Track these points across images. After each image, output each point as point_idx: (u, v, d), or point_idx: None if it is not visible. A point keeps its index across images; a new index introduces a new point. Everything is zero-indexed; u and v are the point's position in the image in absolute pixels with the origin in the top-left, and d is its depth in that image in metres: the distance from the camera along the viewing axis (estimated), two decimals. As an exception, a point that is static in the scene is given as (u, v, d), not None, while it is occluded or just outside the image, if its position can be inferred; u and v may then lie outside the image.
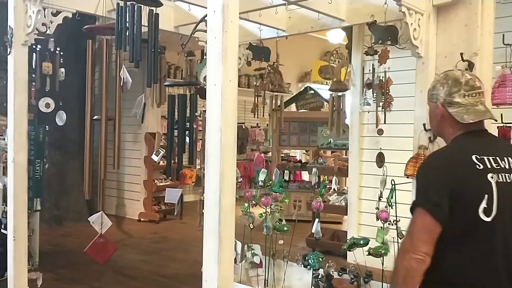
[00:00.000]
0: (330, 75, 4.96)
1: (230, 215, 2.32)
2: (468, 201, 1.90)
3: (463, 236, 1.92)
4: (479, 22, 3.33)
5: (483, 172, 1.92)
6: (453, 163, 1.97)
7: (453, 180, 1.91)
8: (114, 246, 4.23)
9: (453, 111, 2.04)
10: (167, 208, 9.11)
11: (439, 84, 2.10)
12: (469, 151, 1.97)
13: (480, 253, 1.93)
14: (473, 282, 1.93)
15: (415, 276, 1.89)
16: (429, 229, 1.89)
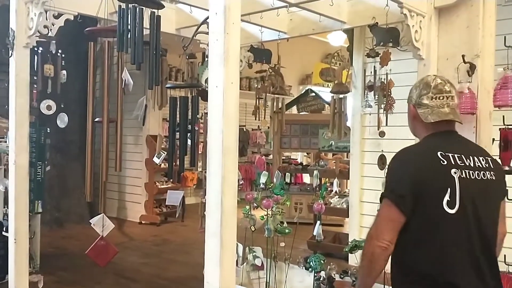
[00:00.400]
0: (331, 77, 4.96)
1: (232, 218, 2.32)
2: (432, 194, 2.03)
3: (431, 228, 2.04)
4: (480, 24, 3.33)
5: (446, 167, 2.05)
6: (418, 158, 2.11)
7: (418, 174, 2.04)
8: (115, 248, 4.23)
9: (420, 111, 2.20)
10: (168, 210, 9.10)
11: (414, 87, 2.28)
12: (434, 148, 2.10)
13: (446, 244, 2.03)
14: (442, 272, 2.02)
15: (378, 261, 2.03)
16: (393, 218, 2.03)
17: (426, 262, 2.05)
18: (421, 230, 2.04)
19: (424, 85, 2.22)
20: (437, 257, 2.04)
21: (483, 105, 3.32)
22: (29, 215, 4.00)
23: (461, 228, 2.04)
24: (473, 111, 3.26)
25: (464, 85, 3.27)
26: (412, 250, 2.06)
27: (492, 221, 2.15)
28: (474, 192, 2.07)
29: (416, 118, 2.24)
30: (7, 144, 4.32)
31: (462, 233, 2.05)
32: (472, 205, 2.06)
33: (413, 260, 2.06)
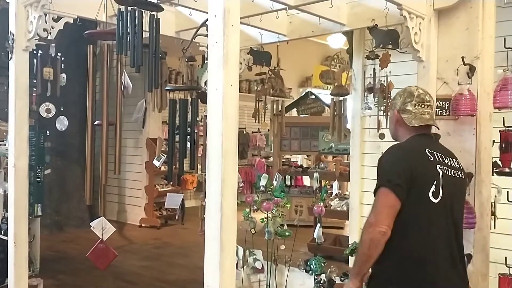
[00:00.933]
0: (331, 80, 4.96)
1: (232, 220, 2.31)
2: (421, 184, 2.30)
3: (417, 214, 2.30)
4: (480, 26, 3.33)
5: (433, 162, 2.37)
6: (410, 153, 2.41)
7: (410, 166, 2.31)
8: (114, 252, 4.21)
9: (405, 116, 2.51)
10: (168, 213, 9.09)
11: (398, 95, 2.58)
12: (422, 146, 2.43)
13: (429, 230, 2.32)
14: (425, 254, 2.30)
15: (378, 246, 2.24)
16: (391, 205, 2.25)
17: (411, 245, 2.30)
18: (409, 216, 2.27)
19: (408, 94, 2.54)
20: (421, 241, 2.30)
21: (483, 107, 3.32)
22: (28, 218, 3.99)
23: (441, 216, 2.34)
24: (473, 113, 3.26)
25: (464, 87, 3.27)
26: (400, 234, 2.26)
27: (461, 214, 2.52)
28: (452, 187, 2.39)
29: (399, 122, 2.54)
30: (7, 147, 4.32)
31: (442, 221, 2.35)
32: (450, 197, 2.37)
33: (397, 243, 2.26)
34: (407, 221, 2.27)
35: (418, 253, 2.30)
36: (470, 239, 3.27)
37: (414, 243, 2.30)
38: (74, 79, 5.48)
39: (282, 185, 4.54)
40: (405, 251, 2.30)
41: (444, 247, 2.35)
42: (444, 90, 3.42)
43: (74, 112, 6.94)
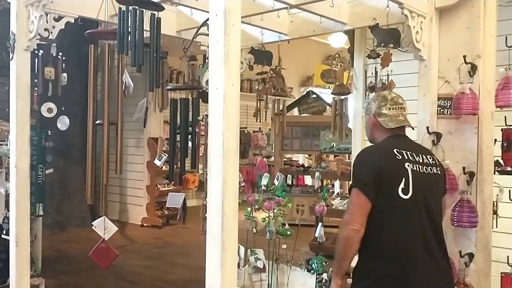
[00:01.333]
0: (332, 79, 4.95)
1: (233, 220, 2.31)
2: (389, 182, 2.44)
3: (389, 210, 2.42)
4: (481, 24, 3.32)
5: (401, 161, 2.48)
6: (378, 154, 2.56)
7: (378, 167, 2.46)
8: (115, 252, 4.20)
9: (381, 119, 2.64)
10: (170, 213, 9.09)
11: (372, 100, 2.72)
12: (391, 147, 2.55)
13: (401, 225, 2.44)
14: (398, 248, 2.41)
15: (352, 243, 2.39)
16: (362, 204, 2.40)
17: (385, 240, 2.42)
18: (381, 212, 2.41)
19: (382, 98, 2.68)
20: (394, 235, 2.43)
21: (485, 106, 3.31)
22: (30, 218, 3.99)
23: (413, 211, 2.45)
24: (474, 112, 3.25)
25: (465, 86, 3.26)
26: (374, 229, 2.40)
27: (438, 208, 2.61)
28: (424, 183, 2.49)
29: (376, 125, 2.68)
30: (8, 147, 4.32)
31: (414, 216, 2.45)
32: (423, 193, 2.48)
33: (374, 238, 2.41)
34: (380, 217, 2.42)
35: (392, 247, 2.42)
36: (472, 238, 3.27)
37: (388, 238, 2.43)
38: (75, 78, 5.49)
39: (283, 185, 4.54)
40: (380, 245, 2.43)
41: (419, 241, 2.45)
42: (446, 89, 3.41)
43: (76, 111, 6.93)
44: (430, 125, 3.38)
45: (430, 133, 3.37)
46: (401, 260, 2.41)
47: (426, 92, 3.42)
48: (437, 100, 3.43)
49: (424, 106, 3.43)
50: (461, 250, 3.26)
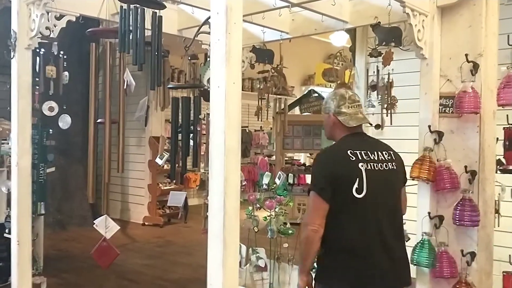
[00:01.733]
0: (334, 78, 4.94)
1: (235, 219, 2.31)
2: (344, 184, 2.54)
3: (345, 210, 2.55)
4: (483, 23, 3.31)
5: (355, 162, 2.58)
6: (333, 157, 2.67)
7: (333, 169, 2.58)
8: (116, 251, 4.20)
9: (341, 118, 2.72)
10: (171, 212, 9.09)
11: (330, 99, 2.78)
12: (345, 148, 2.64)
13: (357, 222, 2.56)
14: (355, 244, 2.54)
15: (313, 242, 2.53)
16: (319, 206, 2.54)
17: (343, 237, 2.55)
18: (338, 212, 2.53)
19: (340, 97, 2.75)
20: (351, 233, 2.55)
21: (487, 105, 3.30)
22: (32, 217, 3.99)
23: (368, 209, 2.56)
24: (476, 111, 3.24)
25: (467, 84, 3.26)
26: (333, 229, 2.53)
27: (396, 203, 2.71)
28: (378, 180, 2.59)
29: (335, 124, 2.75)
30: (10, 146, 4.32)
31: (369, 213, 2.57)
32: (377, 190, 2.58)
33: (334, 237, 2.55)
34: (338, 217, 2.54)
35: (351, 245, 2.55)
36: (474, 237, 3.27)
37: (346, 236, 2.56)
38: (76, 77, 5.49)
39: (284, 184, 4.54)
40: (340, 244, 2.57)
41: (376, 237, 2.57)
42: (448, 88, 3.40)
43: (77, 110, 6.94)
44: (432, 124, 3.38)
45: (432, 132, 3.36)
46: (359, 256, 2.54)
47: (428, 91, 3.41)
48: (439, 98, 3.42)
49: (426, 105, 3.42)
50: (463, 249, 3.26)
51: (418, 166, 3.33)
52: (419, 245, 3.32)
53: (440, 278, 3.31)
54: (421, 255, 3.28)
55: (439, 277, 3.30)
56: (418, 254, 3.29)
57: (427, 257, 3.26)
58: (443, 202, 3.38)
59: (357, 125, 2.72)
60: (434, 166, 3.31)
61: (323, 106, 2.83)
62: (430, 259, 3.26)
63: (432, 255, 3.27)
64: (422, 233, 3.34)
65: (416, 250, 3.31)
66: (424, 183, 3.37)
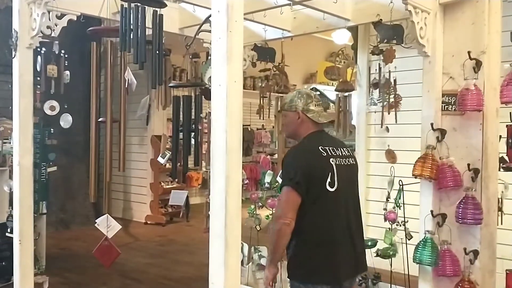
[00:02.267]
0: (336, 76, 4.93)
1: (236, 218, 2.30)
2: (317, 178, 2.70)
3: (318, 203, 2.68)
4: (486, 20, 3.29)
5: (326, 157, 2.75)
6: (306, 153, 2.79)
7: (307, 164, 2.71)
8: (118, 250, 4.19)
9: (311, 115, 2.87)
10: (173, 210, 9.09)
11: (296, 98, 2.90)
12: (316, 144, 2.80)
13: (329, 214, 2.72)
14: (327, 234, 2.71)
15: (284, 235, 2.64)
16: (293, 200, 2.64)
17: (315, 229, 2.69)
18: (312, 205, 2.67)
19: (306, 96, 2.90)
20: (323, 224, 2.71)
21: (490, 102, 3.29)
22: (34, 216, 3.99)
23: (339, 202, 2.75)
24: (479, 108, 3.22)
25: (470, 82, 3.24)
26: (306, 220, 2.66)
27: (357, 195, 2.97)
28: (345, 175, 2.80)
29: (303, 121, 2.87)
30: (12, 145, 4.32)
31: (340, 206, 2.76)
32: (345, 184, 2.78)
33: (308, 229, 2.67)
34: (312, 210, 2.67)
35: (323, 235, 2.71)
36: (476, 235, 3.25)
37: (319, 228, 2.71)
38: (78, 76, 5.47)
39: (287, 182, 4.52)
40: (313, 234, 2.70)
41: (345, 228, 2.78)
42: (450, 85, 3.39)
43: (78, 109, 6.93)
44: (435, 121, 3.36)
45: (435, 130, 3.35)
46: (330, 246, 2.71)
47: (430, 89, 3.40)
48: (442, 96, 3.40)
49: (428, 103, 3.40)
50: (466, 247, 3.25)
51: (420, 164, 3.31)
52: (422, 244, 3.31)
53: (443, 277, 3.30)
54: (423, 254, 3.27)
55: (442, 275, 3.29)
56: (421, 253, 3.28)
57: (430, 255, 3.25)
58: (446, 200, 3.37)
59: (326, 121, 2.92)
60: (436, 164, 3.30)
61: (286, 105, 2.93)
62: (433, 258, 3.24)
63: (434, 253, 3.25)
64: (424, 231, 3.33)
65: (419, 249, 3.30)
66: (426, 181, 3.36)
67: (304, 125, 2.88)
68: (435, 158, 3.31)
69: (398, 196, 3.84)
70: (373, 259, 3.75)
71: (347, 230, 2.79)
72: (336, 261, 2.73)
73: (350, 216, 2.83)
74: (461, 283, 3.22)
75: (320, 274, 2.70)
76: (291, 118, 2.90)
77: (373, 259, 3.75)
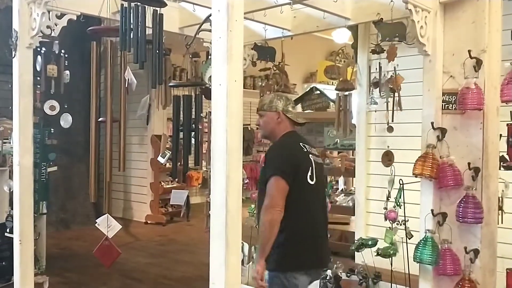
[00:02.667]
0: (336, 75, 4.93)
1: (237, 217, 2.30)
2: (301, 171, 2.93)
3: (300, 194, 2.89)
4: (486, 19, 3.29)
5: (306, 153, 3.03)
6: (292, 147, 3.03)
7: (294, 157, 2.97)
8: (118, 250, 4.19)
9: (290, 115, 3.13)
10: (174, 210, 9.09)
11: (276, 99, 3.13)
12: (297, 141, 3.09)
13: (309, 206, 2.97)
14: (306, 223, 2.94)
15: (276, 224, 2.77)
16: (282, 188, 2.82)
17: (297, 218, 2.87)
18: (295, 196, 2.85)
19: (285, 98, 3.16)
20: (304, 214, 2.91)
21: (490, 101, 3.28)
22: (34, 216, 3.99)
23: (316, 195, 3.04)
24: (480, 107, 3.22)
25: (470, 81, 3.23)
26: (289, 210, 2.81)
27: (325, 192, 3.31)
28: (319, 171, 3.07)
29: (283, 121, 3.09)
30: (11, 145, 4.31)
31: (317, 199, 3.06)
32: (319, 179, 3.05)
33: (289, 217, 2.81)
34: (294, 200, 2.85)
35: (305, 225, 2.92)
36: (477, 234, 3.25)
37: (300, 218, 2.89)
38: (78, 76, 5.48)
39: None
40: (294, 224, 2.86)
41: (321, 220, 3.10)
42: (451, 84, 3.38)
43: (79, 109, 6.93)
44: (435, 120, 3.36)
45: (435, 129, 3.34)
46: (309, 234, 2.95)
47: (430, 87, 3.39)
48: (442, 95, 3.40)
49: (428, 102, 3.40)
50: (467, 246, 3.24)
51: (421, 163, 3.31)
52: (422, 243, 3.30)
53: (443, 276, 3.29)
54: (424, 253, 3.26)
55: (442, 274, 3.29)
56: (421, 252, 3.28)
57: (430, 254, 3.24)
58: (446, 199, 3.36)
59: (303, 122, 3.22)
60: (437, 163, 3.29)
61: (266, 105, 3.12)
62: (433, 257, 3.24)
63: (435, 252, 3.25)
64: (425, 230, 3.33)
65: (419, 248, 3.30)
66: (427, 180, 3.35)
67: (282, 125, 3.09)
68: (436, 157, 3.31)
69: (399, 195, 3.84)
70: (374, 258, 3.75)
71: (319, 222, 3.07)
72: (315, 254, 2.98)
73: (323, 209, 3.17)
74: (462, 282, 3.22)
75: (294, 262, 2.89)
76: (270, 118, 3.10)
77: (374, 258, 3.75)
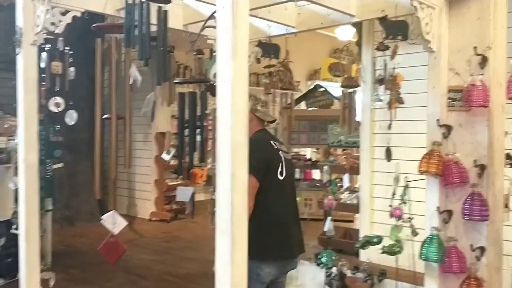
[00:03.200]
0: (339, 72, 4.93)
1: (242, 214, 2.29)
2: (272, 167, 3.22)
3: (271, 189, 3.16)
4: (491, 15, 3.28)
5: (277, 150, 3.31)
6: (264, 145, 3.28)
7: (265, 154, 3.22)
8: (123, 247, 4.20)
9: (259, 114, 3.37)
10: (178, 207, 9.10)
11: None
12: (268, 139, 3.36)
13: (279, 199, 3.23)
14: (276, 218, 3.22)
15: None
16: (253, 185, 3.03)
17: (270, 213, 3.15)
18: (267, 191, 3.13)
19: (254, 98, 3.39)
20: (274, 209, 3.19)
21: (496, 98, 3.27)
22: (39, 213, 3.99)
23: (286, 189, 3.32)
24: (485, 104, 3.21)
25: (476, 78, 3.23)
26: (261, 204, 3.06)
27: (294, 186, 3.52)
28: (288, 166, 3.33)
29: (253, 119, 3.28)
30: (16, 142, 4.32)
31: (287, 193, 3.33)
32: (289, 174, 3.33)
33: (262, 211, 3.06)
34: (266, 195, 3.11)
35: (275, 218, 3.20)
36: (483, 232, 3.24)
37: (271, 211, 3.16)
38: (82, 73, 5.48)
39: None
40: (266, 217, 3.13)
41: (290, 212, 3.35)
42: (456, 81, 3.37)
43: (83, 106, 6.94)
44: (440, 117, 3.35)
45: (440, 126, 3.33)
46: (282, 229, 3.21)
47: (435, 85, 3.38)
48: (447, 92, 3.39)
49: (434, 99, 3.39)
50: (472, 244, 3.24)
51: (426, 160, 3.30)
52: (428, 240, 3.30)
53: (449, 273, 3.29)
54: (430, 250, 3.26)
55: (448, 272, 3.28)
56: (427, 249, 3.27)
57: (436, 252, 3.23)
58: (452, 197, 3.36)
59: (262, 121, 3.40)
60: (442, 160, 3.28)
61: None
62: (439, 254, 3.23)
63: (441, 250, 3.24)
64: (431, 228, 3.32)
65: (425, 245, 3.29)
66: (432, 177, 3.34)
67: (252, 124, 3.21)
68: (441, 154, 3.30)
69: (404, 192, 3.83)
70: (379, 256, 3.75)
71: (291, 213, 3.35)
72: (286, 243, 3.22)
73: (293, 202, 3.43)
74: (468, 280, 3.21)
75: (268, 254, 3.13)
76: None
77: (379, 256, 3.75)
